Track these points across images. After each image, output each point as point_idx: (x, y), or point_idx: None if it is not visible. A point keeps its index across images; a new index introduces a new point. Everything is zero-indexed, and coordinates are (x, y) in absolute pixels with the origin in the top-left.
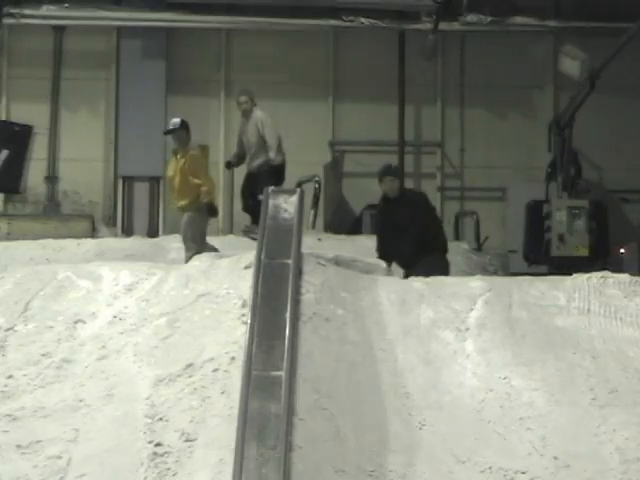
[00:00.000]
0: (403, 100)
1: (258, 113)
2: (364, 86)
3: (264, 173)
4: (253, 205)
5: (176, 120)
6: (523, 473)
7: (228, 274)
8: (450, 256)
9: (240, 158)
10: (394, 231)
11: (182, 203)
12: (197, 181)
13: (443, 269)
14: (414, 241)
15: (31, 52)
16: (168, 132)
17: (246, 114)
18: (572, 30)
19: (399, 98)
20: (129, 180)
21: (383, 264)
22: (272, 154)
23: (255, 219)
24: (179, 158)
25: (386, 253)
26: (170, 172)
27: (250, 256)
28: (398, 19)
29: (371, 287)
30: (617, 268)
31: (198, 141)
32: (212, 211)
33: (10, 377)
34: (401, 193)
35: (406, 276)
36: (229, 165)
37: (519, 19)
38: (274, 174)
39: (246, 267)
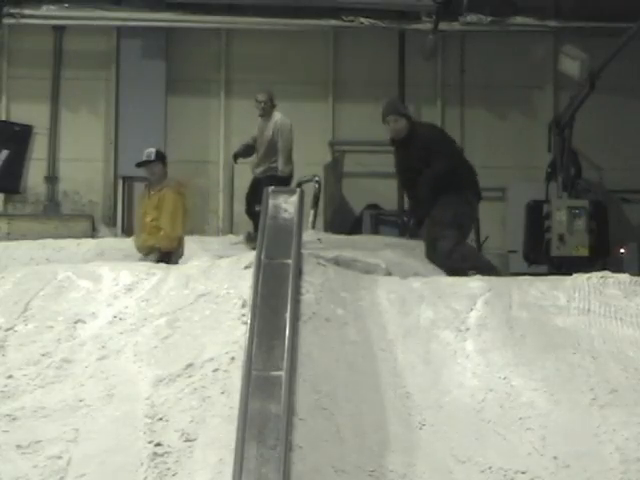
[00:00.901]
0: (403, 100)
1: (277, 117)
2: (364, 86)
3: (267, 180)
4: (255, 212)
5: (150, 150)
6: (523, 473)
7: (228, 274)
8: None
9: (248, 149)
10: (412, 179)
11: (151, 243)
12: (162, 222)
13: (458, 208)
14: (428, 184)
15: (31, 52)
16: (141, 164)
17: (265, 114)
18: (572, 30)
19: (399, 98)
20: (129, 180)
21: (383, 264)
22: (280, 164)
23: (257, 227)
24: (152, 195)
25: (415, 212)
26: (142, 209)
27: (250, 256)
28: (398, 19)
29: (371, 287)
30: (617, 268)
31: (198, 142)
32: (162, 259)
33: (10, 377)
34: (409, 132)
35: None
36: (235, 157)
37: (519, 19)
38: (278, 183)
39: (246, 267)
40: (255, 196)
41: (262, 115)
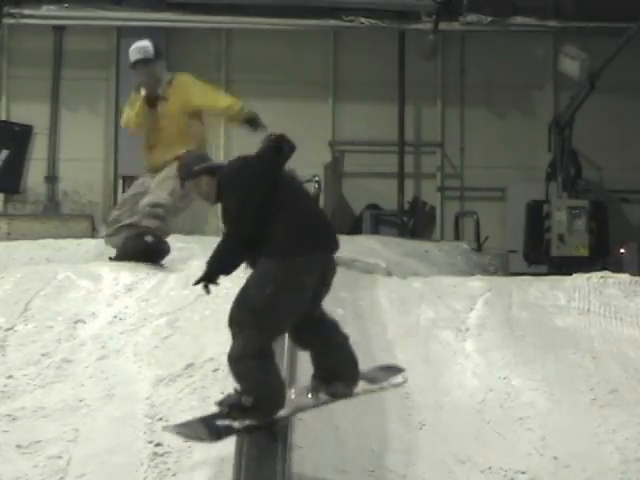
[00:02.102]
0: (403, 100)
1: None
2: (364, 86)
3: None
4: None
5: (146, 45)
6: (523, 473)
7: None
8: (450, 256)
9: None
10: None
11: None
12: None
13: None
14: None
15: (31, 52)
16: (136, 63)
17: None
18: (572, 30)
19: (399, 98)
20: (129, 180)
21: (383, 264)
22: None
23: None
24: (162, 103)
25: None
26: (136, 120)
27: None
28: (398, 19)
29: (371, 287)
30: (617, 268)
31: None
32: (252, 121)
33: (10, 377)
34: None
35: None
36: None
37: (519, 19)
38: None
39: (246, 267)
40: None
41: None
